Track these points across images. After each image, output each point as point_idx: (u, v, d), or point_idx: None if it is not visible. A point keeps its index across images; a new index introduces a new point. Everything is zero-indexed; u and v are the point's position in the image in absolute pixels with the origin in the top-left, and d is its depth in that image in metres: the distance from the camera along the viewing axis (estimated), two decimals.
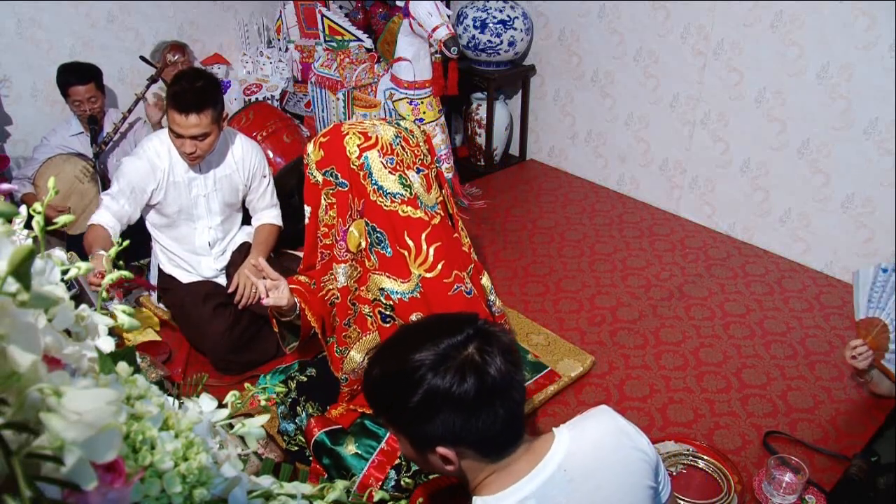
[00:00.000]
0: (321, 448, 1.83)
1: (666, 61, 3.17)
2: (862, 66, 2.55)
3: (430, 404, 0.93)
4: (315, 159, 1.72)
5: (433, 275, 1.66)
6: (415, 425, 0.96)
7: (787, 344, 2.48)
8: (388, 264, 1.69)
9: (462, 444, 0.96)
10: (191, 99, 2.07)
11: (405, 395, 0.94)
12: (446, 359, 0.93)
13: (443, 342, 0.94)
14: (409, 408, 0.94)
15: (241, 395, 0.83)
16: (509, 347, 0.98)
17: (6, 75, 3.09)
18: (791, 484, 1.80)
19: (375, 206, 1.66)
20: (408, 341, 0.99)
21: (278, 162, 3.20)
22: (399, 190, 1.65)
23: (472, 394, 0.92)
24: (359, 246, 1.73)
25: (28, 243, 0.66)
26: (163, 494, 0.56)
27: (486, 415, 0.93)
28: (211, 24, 3.70)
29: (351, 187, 1.69)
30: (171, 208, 2.34)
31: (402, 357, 0.96)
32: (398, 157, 1.67)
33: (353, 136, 1.67)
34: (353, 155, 1.65)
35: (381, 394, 1.01)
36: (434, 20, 2.74)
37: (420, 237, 1.65)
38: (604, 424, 1.05)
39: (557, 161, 3.90)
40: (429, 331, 0.99)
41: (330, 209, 1.75)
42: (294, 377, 2.01)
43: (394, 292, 1.69)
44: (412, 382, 0.93)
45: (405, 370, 0.95)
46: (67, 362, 0.54)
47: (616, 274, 2.92)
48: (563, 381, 2.25)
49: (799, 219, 2.94)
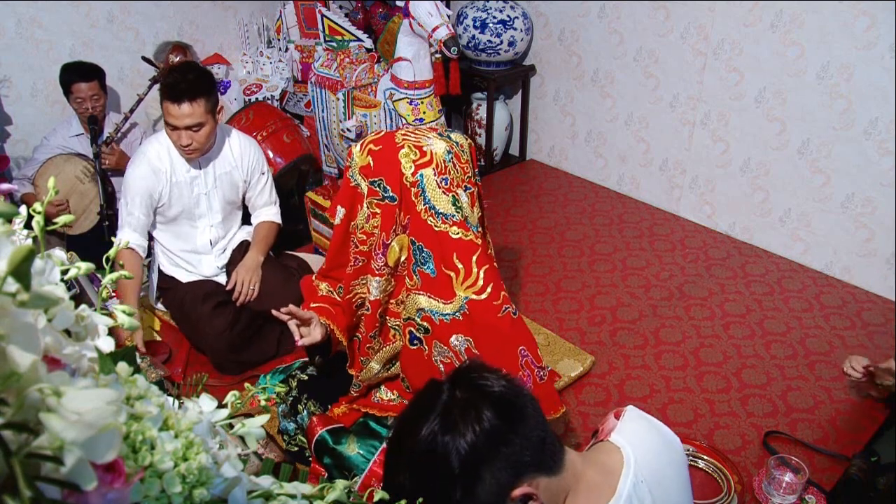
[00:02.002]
0: (323, 447, 1.83)
1: (666, 61, 3.17)
2: (862, 66, 2.55)
3: (471, 462, 0.85)
4: (361, 164, 1.66)
5: (483, 297, 1.62)
6: (475, 489, 0.87)
7: (787, 344, 2.48)
8: (432, 285, 1.65)
9: (525, 474, 0.89)
10: (184, 88, 2.10)
11: (445, 472, 0.86)
12: (450, 412, 0.88)
13: (435, 407, 0.89)
14: (456, 479, 0.85)
15: (241, 395, 0.83)
16: (486, 365, 0.95)
17: (6, 75, 3.09)
18: (791, 484, 1.80)
19: (425, 225, 1.61)
20: (405, 438, 0.91)
21: (278, 162, 3.20)
22: (451, 211, 1.61)
23: (495, 422, 0.86)
24: (398, 261, 1.70)
25: (28, 243, 0.66)
26: (163, 494, 0.56)
27: (522, 427, 0.88)
28: (211, 24, 3.70)
29: (400, 202, 1.63)
30: (174, 209, 2.35)
31: (413, 449, 0.88)
32: (450, 176, 1.62)
33: (408, 149, 1.61)
34: (407, 171, 1.60)
35: (425, 491, 0.86)
36: (434, 20, 2.74)
37: (471, 260, 1.61)
38: (645, 428, 1.07)
39: (557, 161, 3.90)
40: (413, 414, 0.92)
41: (372, 218, 1.68)
42: (295, 375, 2.01)
43: (435, 313, 1.65)
44: (441, 457, 0.86)
45: (426, 455, 0.87)
46: (67, 362, 0.54)
47: (616, 274, 2.92)
48: (563, 381, 2.25)
49: (799, 219, 2.94)
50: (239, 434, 0.72)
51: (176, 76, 2.13)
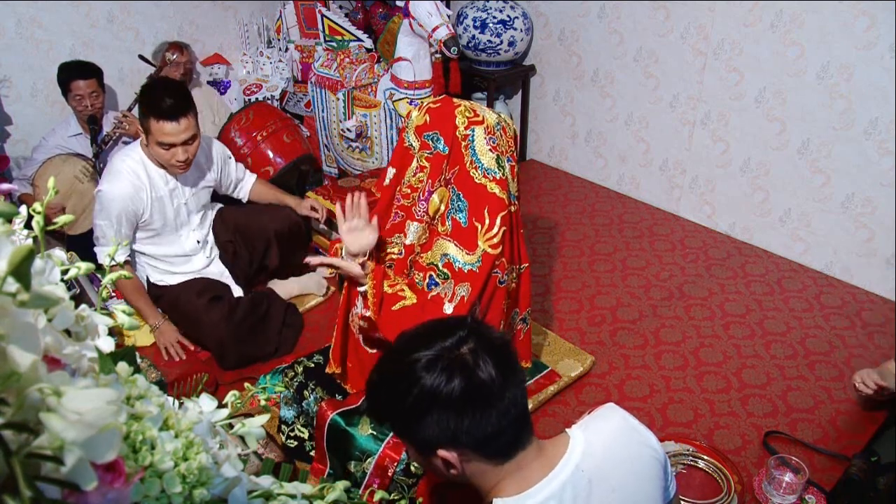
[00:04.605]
0: (335, 430, 1.82)
1: (666, 61, 3.17)
2: (862, 66, 2.55)
3: (420, 404, 0.94)
4: (417, 123, 1.79)
5: (495, 252, 1.75)
6: (412, 427, 0.97)
7: (787, 344, 2.48)
8: (461, 233, 1.78)
9: (461, 445, 0.96)
10: (175, 104, 2.11)
11: (402, 396, 0.96)
12: (439, 359, 0.94)
13: (436, 344, 0.96)
14: (405, 409, 0.96)
15: (241, 395, 0.83)
16: (502, 348, 0.98)
17: (6, 75, 3.09)
18: (791, 484, 1.80)
19: (468, 176, 1.75)
20: (405, 347, 1.00)
21: (278, 162, 3.20)
22: (494, 167, 1.74)
23: (457, 392, 0.92)
24: (437, 211, 1.82)
25: (28, 243, 0.66)
26: (163, 494, 0.56)
27: (479, 415, 0.93)
28: (211, 24, 3.70)
29: (450, 153, 1.77)
30: (157, 223, 2.36)
31: (400, 361, 0.98)
32: (498, 140, 1.77)
33: (464, 108, 1.76)
34: (461, 125, 1.75)
35: (382, 398, 1.03)
36: (434, 20, 2.74)
37: (496, 216, 1.74)
38: (615, 423, 1.06)
39: (557, 161, 3.90)
40: (424, 335, 1.00)
41: (420, 171, 1.82)
42: (301, 362, 2.01)
43: (456, 260, 1.77)
44: (408, 383, 0.95)
45: (402, 372, 0.96)
46: (67, 362, 0.54)
47: (616, 274, 2.92)
48: (563, 381, 2.25)
49: (799, 219, 2.94)
50: (239, 434, 0.72)
51: (161, 94, 2.11)
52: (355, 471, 1.78)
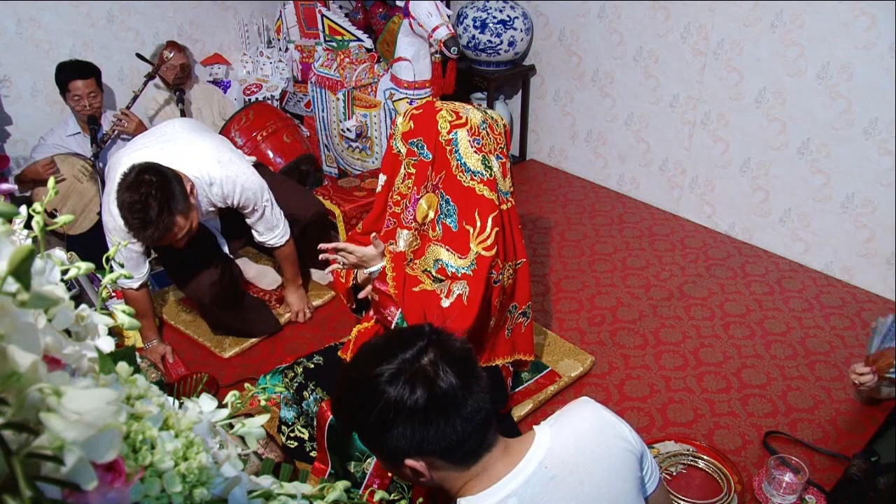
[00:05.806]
0: (335, 431, 1.82)
1: (666, 61, 3.17)
2: (862, 66, 2.55)
3: (385, 417, 0.95)
4: (403, 130, 1.81)
5: (490, 255, 1.75)
6: (379, 440, 0.98)
7: (787, 344, 2.48)
8: (452, 238, 1.78)
9: (427, 454, 0.97)
10: (162, 224, 1.96)
11: (367, 410, 0.96)
12: (401, 372, 0.95)
13: (397, 357, 0.97)
14: (371, 423, 0.97)
15: (241, 395, 0.83)
16: (463, 356, 0.99)
17: (6, 75, 3.09)
18: (791, 484, 1.80)
19: (455, 180, 1.75)
20: (367, 360, 1.00)
21: (278, 162, 3.20)
22: (481, 169, 1.74)
23: (421, 404, 0.93)
24: (426, 217, 1.82)
25: (28, 243, 0.66)
26: (163, 494, 0.56)
27: (441, 424, 0.95)
28: (211, 24, 3.70)
29: (434, 159, 1.77)
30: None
31: (362, 375, 0.99)
32: (483, 140, 1.76)
33: (446, 112, 1.77)
34: (443, 130, 1.75)
35: (347, 411, 1.04)
36: (434, 20, 2.74)
37: (487, 218, 1.74)
38: (585, 417, 1.05)
39: (557, 161, 3.90)
40: (385, 348, 1.01)
41: (408, 178, 1.83)
42: (301, 363, 2.02)
43: (449, 265, 1.77)
44: (372, 398, 0.96)
45: (365, 386, 0.97)
46: (67, 362, 0.54)
47: (616, 274, 2.92)
48: (563, 381, 2.25)
49: (799, 219, 2.94)
50: (239, 434, 0.72)
51: (144, 225, 1.94)
52: (355, 471, 1.78)
